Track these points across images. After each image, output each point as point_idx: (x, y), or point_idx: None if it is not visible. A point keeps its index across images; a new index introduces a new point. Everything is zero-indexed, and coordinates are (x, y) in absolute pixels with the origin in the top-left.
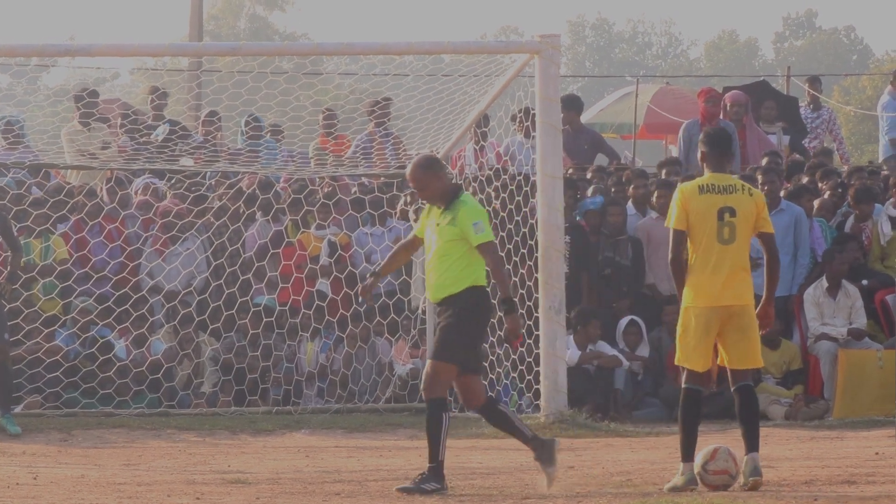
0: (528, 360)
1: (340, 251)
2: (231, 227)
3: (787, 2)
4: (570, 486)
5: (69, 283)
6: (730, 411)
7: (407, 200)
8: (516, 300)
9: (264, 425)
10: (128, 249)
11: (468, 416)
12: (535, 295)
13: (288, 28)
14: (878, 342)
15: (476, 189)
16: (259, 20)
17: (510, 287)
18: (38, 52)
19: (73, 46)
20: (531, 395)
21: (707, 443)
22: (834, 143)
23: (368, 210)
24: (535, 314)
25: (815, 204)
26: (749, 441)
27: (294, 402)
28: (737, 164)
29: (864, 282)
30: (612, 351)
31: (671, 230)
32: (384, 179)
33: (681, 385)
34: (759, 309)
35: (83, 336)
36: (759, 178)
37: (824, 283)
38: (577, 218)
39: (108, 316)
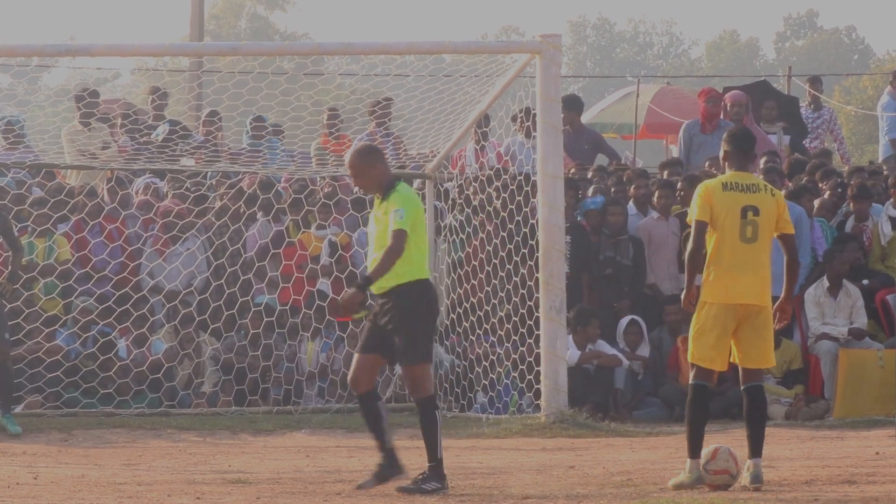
0: (528, 359)
1: (341, 251)
2: (232, 227)
3: (788, 2)
4: (571, 485)
5: (70, 282)
6: (730, 411)
7: None
8: (369, 282)
9: (265, 425)
10: (128, 249)
11: (468, 416)
12: (535, 295)
13: (289, 28)
14: (879, 342)
15: (477, 189)
16: (260, 20)
17: (379, 275)
18: (39, 52)
19: (74, 46)
20: (531, 394)
21: (708, 442)
22: (835, 143)
23: (369, 210)
24: (536, 314)
25: (816, 204)
26: (753, 445)
27: (295, 402)
28: None
29: (865, 281)
30: (612, 350)
31: (693, 222)
32: None
33: (687, 382)
34: (777, 304)
35: (84, 336)
36: (760, 177)
37: (825, 282)
38: (578, 218)
39: (109, 316)
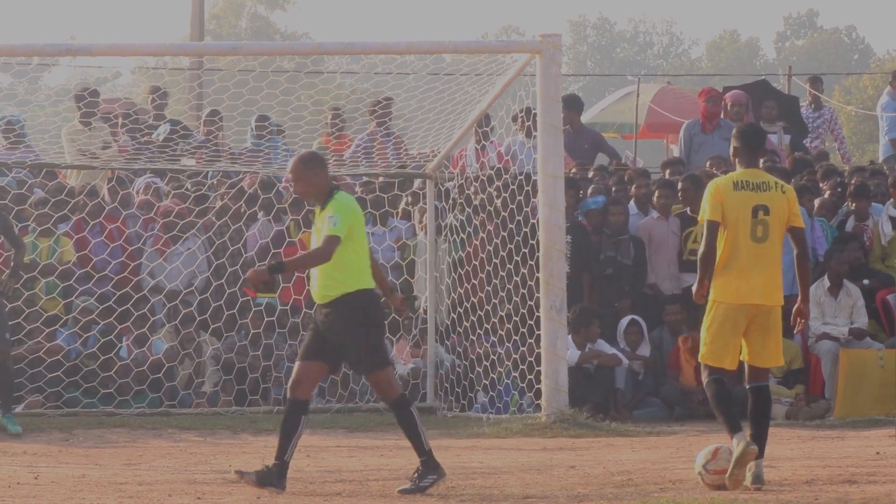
0: (529, 359)
1: None
2: (232, 227)
3: (788, 1)
4: (572, 485)
5: (70, 282)
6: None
7: (408, 200)
8: (280, 267)
9: (265, 425)
10: (129, 249)
11: (468, 416)
12: (536, 294)
13: (289, 27)
14: (880, 342)
15: (477, 188)
16: (260, 20)
17: (294, 266)
18: (39, 52)
19: (74, 46)
20: (532, 394)
21: (708, 442)
22: (835, 143)
23: (370, 210)
24: (537, 313)
25: (816, 203)
26: (756, 444)
27: None
28: None
29: (866, 281)
30: (611, 349)
31: (705, 222)
32: (385, 179)
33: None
34: (795, 308)
35: (84, 336)
36: None
37: (825, 282)
38: (579, 217)
39: (110, 315)
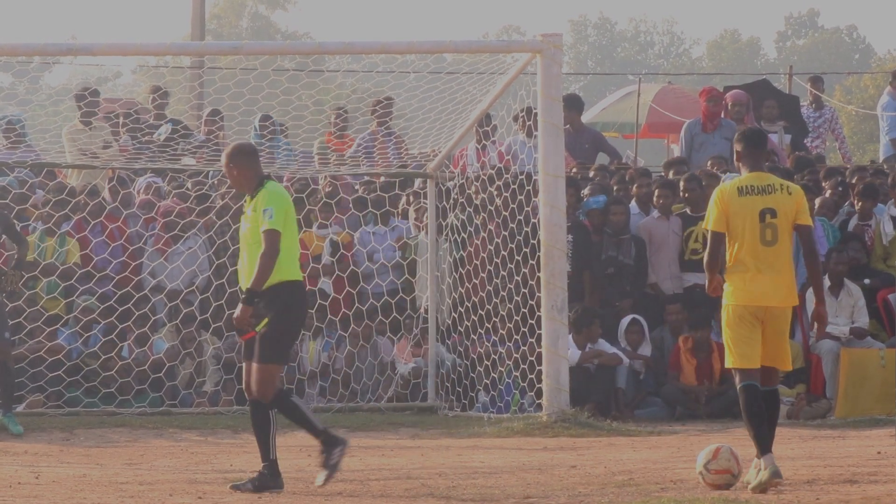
0: (530, 358)
1: (342, 250)
2: (233, 226)
3: (789, 1)
4: (573, 485)
5: (71, 282)
6: (732, 411)
7: (408, 199)
8: (253, 293)
9: None
10: (130, 249)
11: (469, 416)
12: (537, 294)
13: (290, 27)
14: (881, 341)
15: (478, 188)
16: (261, 19)
17: (263, 281)
18: (40, 52)
19: (75, 46)
20: (533, 393)
21: (709, 442)
22: (836, 143)
23: (371, 209)
24: (538, 313)
25: (817, 203)
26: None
27: None
28: None
29: (867, 281)
30: (612, 349)
31: (709, 232)
32: (386, 179)
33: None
34: (813, 313)
35: (85, 335)
36: None
37: (826, 282)
38: (581, 217)
39: (111, 315)
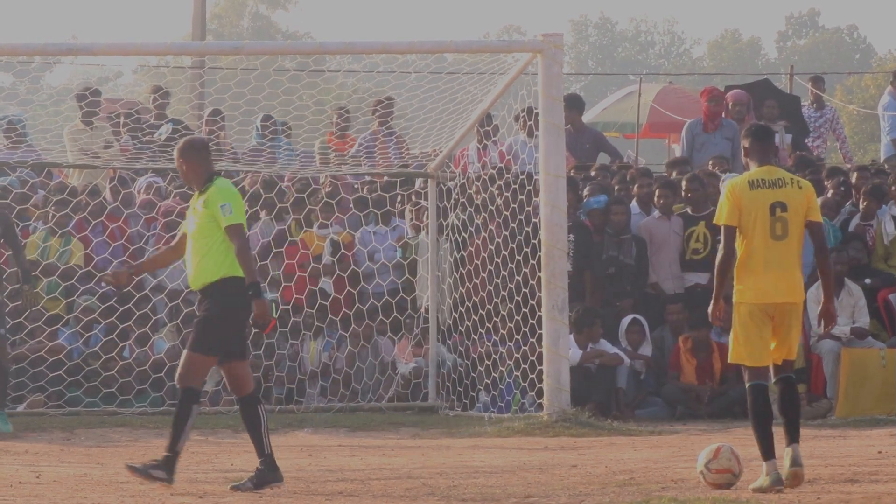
0: (531, 358)
1: (343, 250)
2: None
3: (789, 1)
4: (574, 484)
5: (72, 281)
6: (732, 411)
7: (404, 200)
8: (264, 284)
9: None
10: (131, 248)
11: (470, 415)
12: (537, 294)
13: (291, 27)
14: (881, 341)
15: (479, 188)
16: (262, 19)
17: (256, 271)
18: (41, 52)
19: (76, 45)
20: (534, 393)
21: (710, 442)
22: (837, 143)
23: (372, 209)
24: (538, 313)
25: (819, 203)
26: (789, 432)
27: (297, 401)
28: (739, 164)
29: (868, 281)
30: (613, 349)
31: (722, 226)
32: (388, 178)
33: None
34: (820, 310)
35: (86, 335)
36: None
37: None
38: (582, 217)
39: (112, 315)
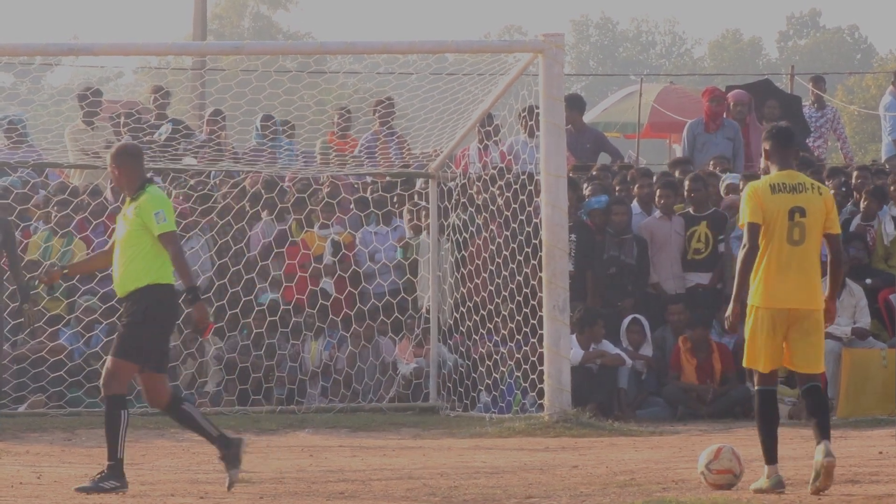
0: (531, 359)
1: (344, 250)
2: (235, 227)
3: (790, 1)
4: (574, 485)
5: (73, 282)
6: (733, 411)
7: (402, 201)
8: (198, 286)
9: (268, 424)
10: None
11: (471, 416)
12: (538, 294)
13: (292, 27)
14: (882, 341)
15: (480, 188)
16: (263, 19)
17: (193, 276)
18: (42, 52)
19: (77, 45)
20: (535, 394)
21: (710, 442)
22: (838, 143)
23: (373, 209)
24: (539, 313)
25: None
26: (821, 431)
27: (298, 402)
28: (740, 164)
29: (868, 281)
30: (615, 350)
31: (746, 225)
32: (388, 179)
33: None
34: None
35: (87, 335)
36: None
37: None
38: (583, 217)
39: (112, 315)
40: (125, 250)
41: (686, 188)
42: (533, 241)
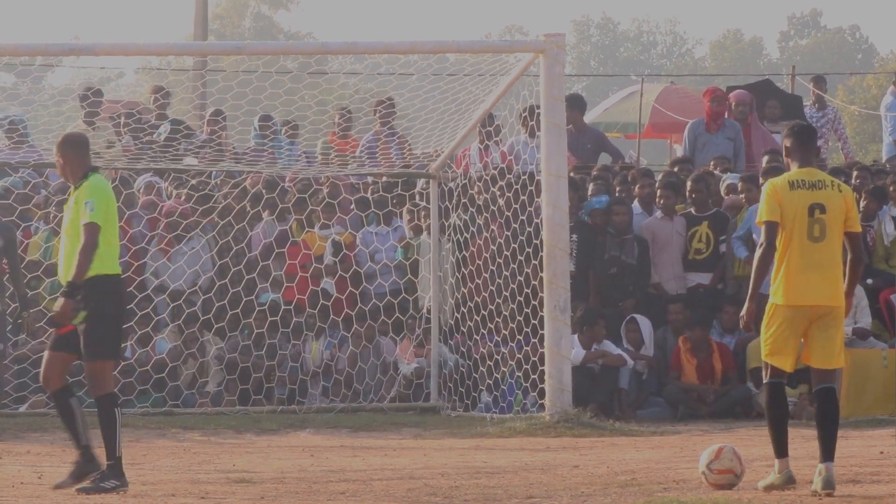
0: (532, 358)
1: (345, 250)
2: (236, 227)
3: (791, 1)
4: (575, 485)
5: None
6: (734, 411)
7: (398, 200)
8: (75, 287)
9: (269, 424)
10: (133, 249)
11: (472, 416)
12: (539, 294)
13: (293, 27)
14: (883, 341)
15: (481, 188)
16: (264, 19)
17: (82, 273)
18: (43, 52)
19: (78, 46)
20: (536, 394)
21: (711, 442)
22: (839, 143)
23: (373, 209)
24: (540, 313)
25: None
26: (825, 448)
27: (299, 402)
28: (741, 164)
29: (869, 281)
30: (617, 350)
31: (764, 223)
32: (389, 179)
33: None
34: None
35: None
36: (761, 179)
37: None
38: (585, 217)
39: None
40: (71, 240)
41: (688, 188)
42: (534, 241)
